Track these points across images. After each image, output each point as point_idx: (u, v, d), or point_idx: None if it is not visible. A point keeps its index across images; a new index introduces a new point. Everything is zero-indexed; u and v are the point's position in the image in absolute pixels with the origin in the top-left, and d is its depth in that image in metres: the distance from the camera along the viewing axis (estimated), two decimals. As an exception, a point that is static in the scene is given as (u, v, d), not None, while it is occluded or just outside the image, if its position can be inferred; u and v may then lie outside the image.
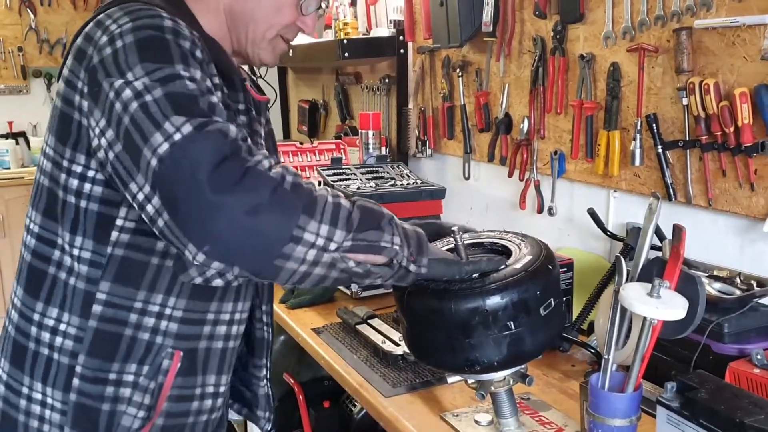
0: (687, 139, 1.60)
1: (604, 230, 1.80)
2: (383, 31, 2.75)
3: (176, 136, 0.90)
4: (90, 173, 1.05)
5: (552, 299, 1.10)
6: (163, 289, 1.09)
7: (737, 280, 1.42)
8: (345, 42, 2.66)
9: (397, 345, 1.65)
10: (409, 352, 1.25)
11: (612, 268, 1.69)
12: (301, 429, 2.25)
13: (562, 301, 1.16)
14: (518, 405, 1.28)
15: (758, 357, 1.24)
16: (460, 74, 2.33)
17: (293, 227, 0.91)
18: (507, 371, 1.16)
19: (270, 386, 1.40)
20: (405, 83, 2.70)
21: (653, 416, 1.09)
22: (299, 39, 2.96)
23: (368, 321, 1.81)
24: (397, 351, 1.61)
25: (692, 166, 1.61)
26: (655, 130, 1.65)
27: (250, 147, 0.95)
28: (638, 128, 1.70)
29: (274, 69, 3.81)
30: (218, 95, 1.04)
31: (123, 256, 1.07)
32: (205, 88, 0.98)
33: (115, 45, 0.99)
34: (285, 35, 1.23)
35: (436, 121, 2.54)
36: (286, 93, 3.97)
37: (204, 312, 1.14)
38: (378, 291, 2.06)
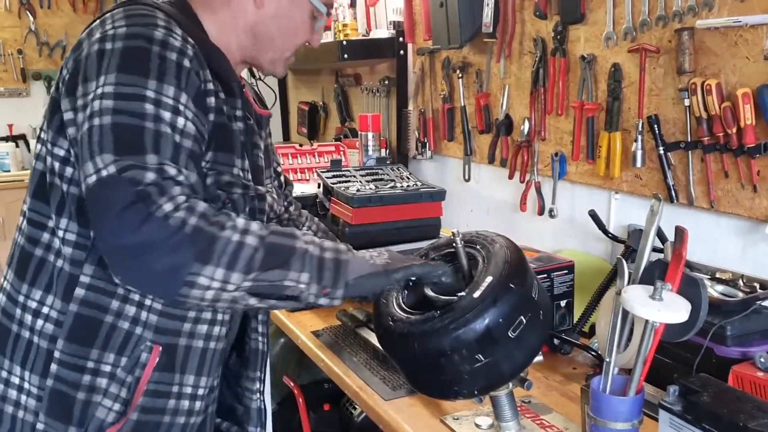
0: (689, 141, 1.59)
1: (606, 232, 1.79)
2: (383, 33, 2.75)
3: (102, 173, 0.98)
4: (72, 157, 1.10)
5: (522, 317, 1.04)
6: None
7: (740, 283, 1.41)
8: (344, 43, 2.66)
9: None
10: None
11: (613, 271, 1.68)
12: (301, 432, 2.24)
13: (539, 310, 1.09)
14: (519, 408, 1.26)
15: (762, 360, 1.22)
16: (461, 75, 2.32)
17: (185, 274, 0.97)
18: None
19: (264, 400, 1.39)
20: (405, 85, 2.70)
21: (655, 420, 1.07)
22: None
23: (368, 324, 1.80)
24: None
25: (694, 168, 1.60)
26: (657, 132, 1.64)
27: (164, 188, 0.98)
28: (640, 129, 1.69)
29: (274, 71, 3.81)
30: (211, 100, 1.12)
31: None
32: (170, 108, 1.04)
33: (104, 45, 1.07)
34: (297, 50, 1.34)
35: (436, 123, 2.53)
36: (286, 95, 3.97)
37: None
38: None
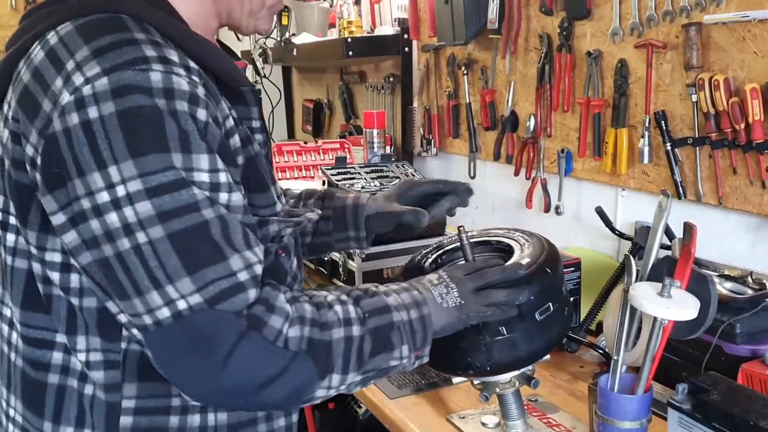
0: (696, 137, 1.57)
1: (613, 229, 1.78)
2: (387, 30, 2.73)
3: (181, 305, 0.77)
4: (73, 260, 0.83)
5: (550, 304, 1.06)
6: None
7: (749, 280, 1.40)
8: (349, 41, 2.64)
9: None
10: None
11: (621, 268, 1.67)
12: (306, 431, 2.23)
13: (565, 306, 1.12)
14: (526, 407, 1.26)
15: (771, 358, 1.21)
16: (466, 72, 2.31)
17: (307, 394, 0.86)
18: (508, 374, 1.14)
19: None
20: (410, 82, 2.68)
21: (664, 419, 1.07)
22: (303, 38, 2.96)
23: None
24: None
25: (702, 164, 1.59)
26: (664, 128, 1.63)
27: (267, 299, 0.82)
28: (646, 125, 1.68)
29: (279, 69, 3.80)
30: (235, 139, 0.87)
31: None
32: (215, 185, 0.79)
33: (87, 114, 0.75)
34: None
35: (441, 120, 2.52)
36: (291, 92, 3.96)
37: None
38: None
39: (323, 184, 2.32)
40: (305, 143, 2.87)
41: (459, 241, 1.13)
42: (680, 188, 1.63)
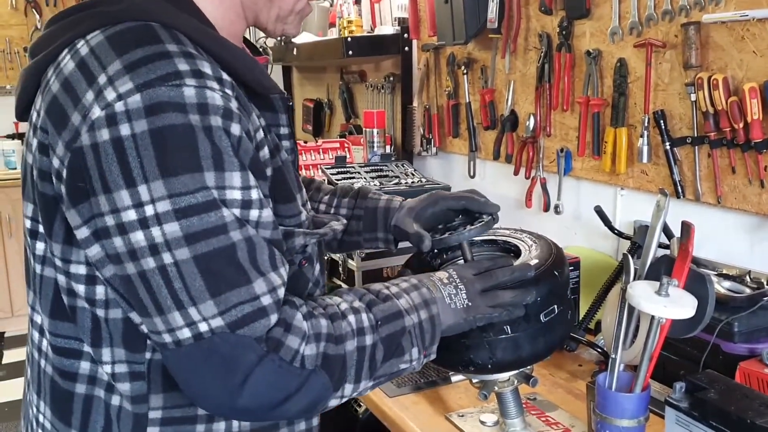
0: (695, 136, 1.57)
1: (611, 228, 1.78)
2: (388, 29, 2.74)
3: (202, 327, 0.76)
4: (101, 276, 0.83)
5: (555, 306, 1.07)
6: None
7: (747, 279, 1.40)
8: (349, 40, 2.65)
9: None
10: None
11: (619, 267, 1.67)
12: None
13: (569, 309, 1.12)
14: (524, 405, 1.26)
15: (769, 356, 1.22)
16: (465, 72, 2.31)
17: (322, 406, 0.86)
18: (507, 373, 1.14)
19: None
20: (410, 81, 2.69)
21: (662, 417, 1.07)
22: (303, 38, 2.97)
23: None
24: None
25: (701, 163, 1.59)
26: (663, 127, 1.63)
27: (286, 321, 0.81)
28: (646, 125, 1.68)
29: (279, 69, 3.81)
30: (264, 152, 0.86)
31: None
32: (246, 203, 0.79)
33: (119, 131, 0.74)
34: None
35: (441, 119, 2.52)
36: (291, 92, 3.96)
37: None
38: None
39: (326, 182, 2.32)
40: (305, 143, 2.87)
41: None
42: (679, 187, 1.63)
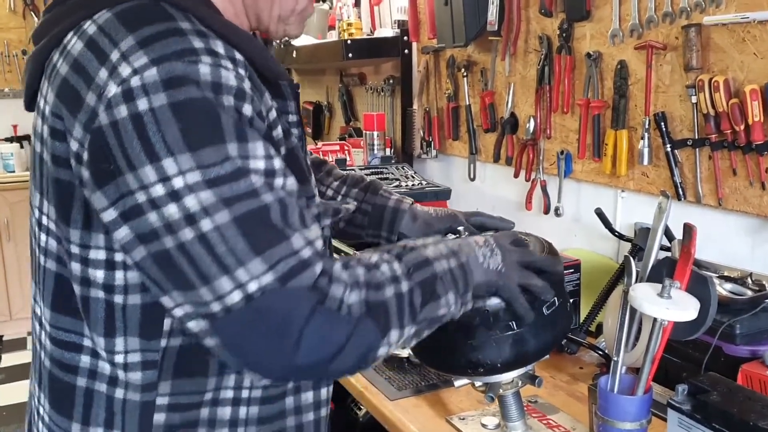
0: (696, 138, 1.57)
1: (612, 231, 1.78)
2: (387, 32, 2.74)
3: (252, 287, 0.75)
4: (118, 257, 0.81)
5: (556, 298, 1.08)
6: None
7: (748, 281, 1.40)
8: (349, 42, 2.65)
9: (403, 347, 1.62)
10: (414, 355, 1.23)
11: (620, 269, 1.67)
12: None
13: (567, 302, 1.14)
14: (525, 408, 1.25)
15: (771, 359, 1.21)
16: (465, 74, 2.31)
17: (373, 355, 0.85)
18: (513, 373, 1.14)
19: None
20: (409, 84, 2.69)
21: (664, 419, 1.07)
22: (303, 40, 2.96)
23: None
24: (403, 353, 1.59)
25: (702, 165, 1.59)
26: (664, 129, 1.63)
27: (327, 271, 0.81)
28: (646, 127, 1.68)
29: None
30: (278, 131, 0.85)
31: (182, 344, 0.86)
32: (270, 171, 0.78)
33: (137, 106, 0.73)
34: None
35: (441, 122, 2.52)
36: (291, 95, 3.96)
37: None
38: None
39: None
40: (305, 145, 2.86)
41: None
42: (680, 189, 1.63)
